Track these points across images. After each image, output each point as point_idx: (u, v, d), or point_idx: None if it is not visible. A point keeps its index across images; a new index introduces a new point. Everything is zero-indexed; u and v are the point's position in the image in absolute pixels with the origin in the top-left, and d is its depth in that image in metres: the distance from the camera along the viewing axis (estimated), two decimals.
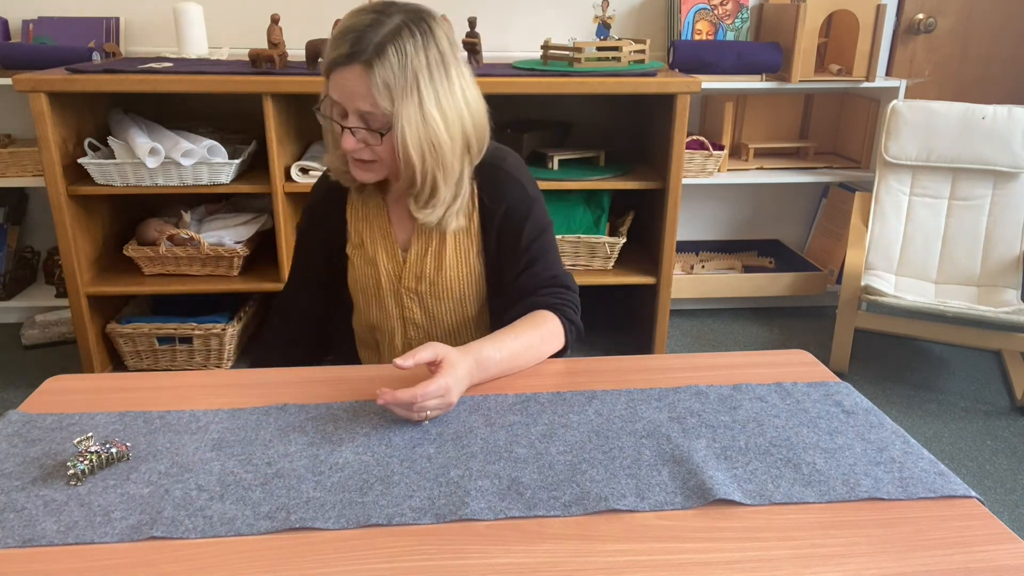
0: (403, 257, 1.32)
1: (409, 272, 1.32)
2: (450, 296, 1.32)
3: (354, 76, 1.10)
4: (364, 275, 1.34)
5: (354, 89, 1.11)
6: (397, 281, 1.32)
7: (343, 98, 1.13)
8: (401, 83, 1.10)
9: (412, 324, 1.36)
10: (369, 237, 1.33)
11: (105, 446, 0.92)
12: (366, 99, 1.11)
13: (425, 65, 1.12)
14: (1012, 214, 2.61)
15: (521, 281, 1.28)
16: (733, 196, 3.17)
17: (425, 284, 1.31)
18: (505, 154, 1.31)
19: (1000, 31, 3.05)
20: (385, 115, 1.12)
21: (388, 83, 1.10)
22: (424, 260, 1.31)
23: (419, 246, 1.31)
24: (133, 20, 2.70)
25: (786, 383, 1.14)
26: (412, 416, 1.02)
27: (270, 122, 2.21)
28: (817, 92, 3.05)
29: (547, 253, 1.30)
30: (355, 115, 1.14)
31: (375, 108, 1.12)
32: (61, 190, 2.20)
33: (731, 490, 0.88)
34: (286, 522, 0.83)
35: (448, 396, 1.02)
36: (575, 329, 1.27)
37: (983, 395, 2.55)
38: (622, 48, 2.42)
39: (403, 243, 1.32)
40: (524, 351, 1.17)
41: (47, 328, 2.73)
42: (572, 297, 1.30)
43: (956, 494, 0.89)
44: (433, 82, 1.13)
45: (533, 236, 1.29)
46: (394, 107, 1.11)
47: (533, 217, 1.29)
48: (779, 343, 2.90)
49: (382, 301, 1.34)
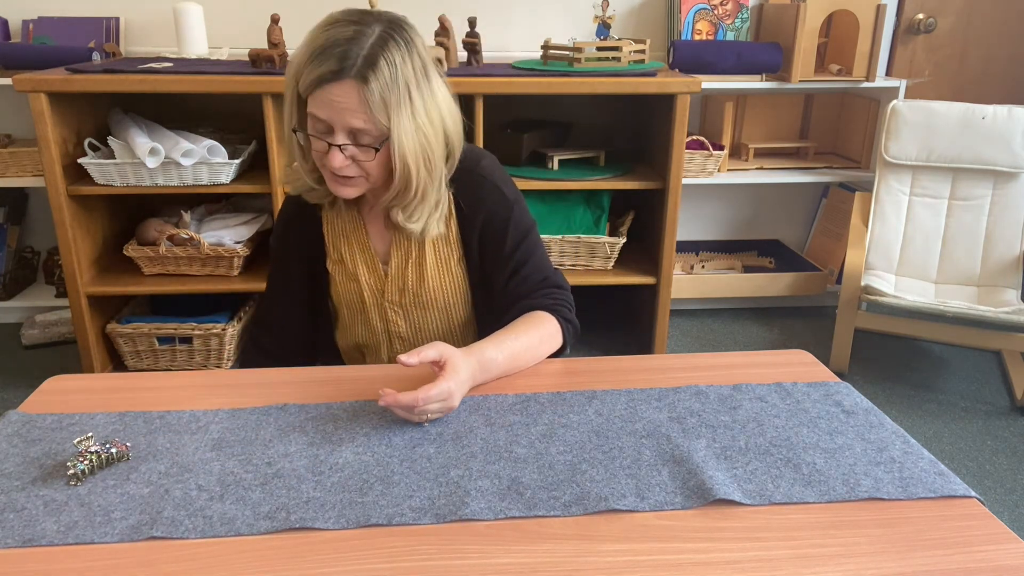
0: (384, 271, 1.30)
1: (391, 285, 1.30)
2: (435, 306, 1.31)
3: (345, 92, 1.07)
4: (347, 291, 1.32)
5: (346, 105, 1.07)
6: (380, 295, 1.31)
7: (331, 115, 1.08)
8: (395, 96, 1.08)
9: (398, 337, 1.35)
10: (348, 252, 1.30)
11: (105, 446, 0.92)
12: (359, 115, 1.08)
13: (412, 74, 1.10)
14: (1012, 214, 2.61)
15: (512, 286, 1.27)
16: (733, 196, 3.17)
17: (408, 296, 1.30)
18: (479, 156, 1.28)
19: (1000, 31, 3.05)
20: (379, 130, 1.09)
21: (384, 97, 1.07)
22: (405, 272, 1.29)
23: (399, 257, 1.29)
24: (133, 20, 2.70)
25: (786, 383, 1.14)
26: (413, 418, 1.02)
27: (270, 122, 2.21)
28: (817, 92, 3.05)
29: (534, 254, 1.29)
30: (344, 132, 1.10)
31: (368, 124, 1.09)
32: (61, 190, 2.20)
33: (731, 490, 0.88)
34: (286, 522, 0.83)
35: (450, 400, 1.02)
36: (572, 328, 1.26)
37: (983, 395, 2.55)
38: (622, 48, 2.42)
39: (383, 255, 1.30)
40: (524, 351, 1.17)
41: (47, 328, 2.73)
42: (565, 296, 1.29)
43: (956, 494, 0.89)
44: (420, 90, 1.11)
45: (517, 240, 1.27)
46: (390, 121, 1.09)
47: (514, 220, 1.27)
48: (779, 343, 2.90)
49: (367, 315, 1.33)
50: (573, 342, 1.27)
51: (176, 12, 2.49)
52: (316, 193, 1.24)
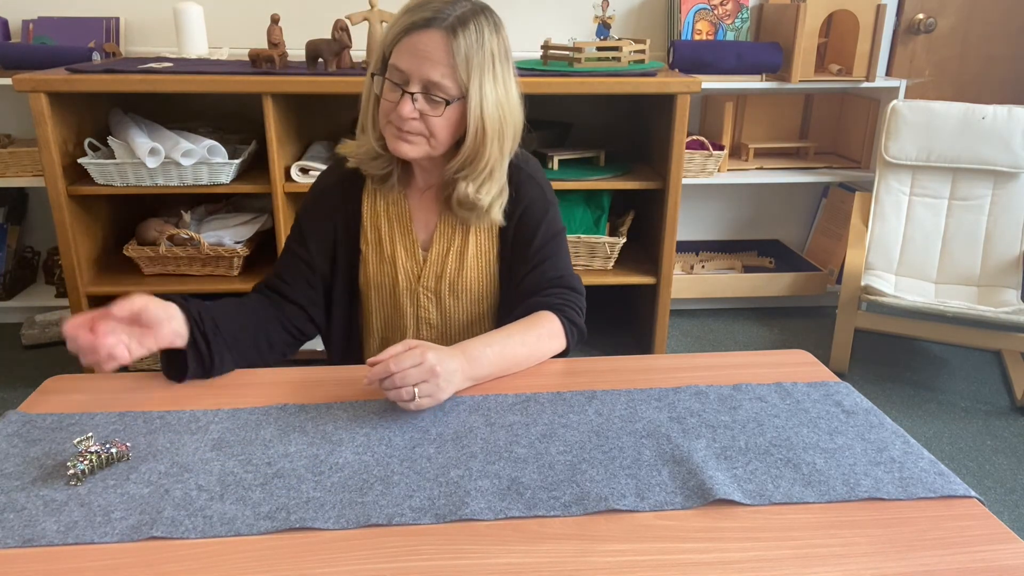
0: (423, 256, 1.30)
1: (429, 271, 1.30)
2: (468, 296, 1.32)
3: (433, 41, 1.10)
4: (379, 272, 1.32)
5: (430, 54, 1.10)
6: (416, 280, 1.31)
7: (413, 64, 1.11)
8: (479, 58, 1.12)
9: (427, 324, 1.35)
10: (388, 234, 1.30)
11: (105, 446, 0.92)
12: (440, 66, 1.11)
13: (498, 50, 1.15)
14: (1012, 214, 2.61)
15: (527, 281, 1.28)
16: (733, 196, 3.17)
17: (445, 283, 1.30)
18: (527, 156, 1.32)
19: (1000, 31, 3.05)
20: (457, 87, 1.12)
21: (468, 54, 1.11)
22: (446, 259, 1.30)
23: (441, 245, 1.30)
24: (133, 20, 2.70)
25: (786, 383, 1.14)
26: (403, 396, 1.00)
27: (270, 122, 2.21)
28: (817, 92, 3.05)
29: (557, 255, 1.30)
30: (419, 83, 1.12)
31: (446, 78, 1.11)
32: (61, 190, 2.20)
33: (731, 490, 0.88)
34: (286, 522, 0.83)
35: (426, 363, 0.99)
36: (577, 331, 1.26)
37: (983, 395, 2.55)
38: (622, 48, 2.41)
39: (423, 242, 1.31)
40: (518, 347, 1.16)
41: (47, 328, 2.73)
42: (575, 298, 1.29)
43: (956, 494, 0.89)
44: (503, 67, 1.17)
45: (546, 238, 1.29)
46: (469, 80, 1.12)
47: (548, 219, 1.30)
48: (779, 343, 2.90)
49: (397, 300, 1.32)
50: (577, 345, 1.27)
51: (176, 12, 2.49)
52: (377, 162, 1.24)
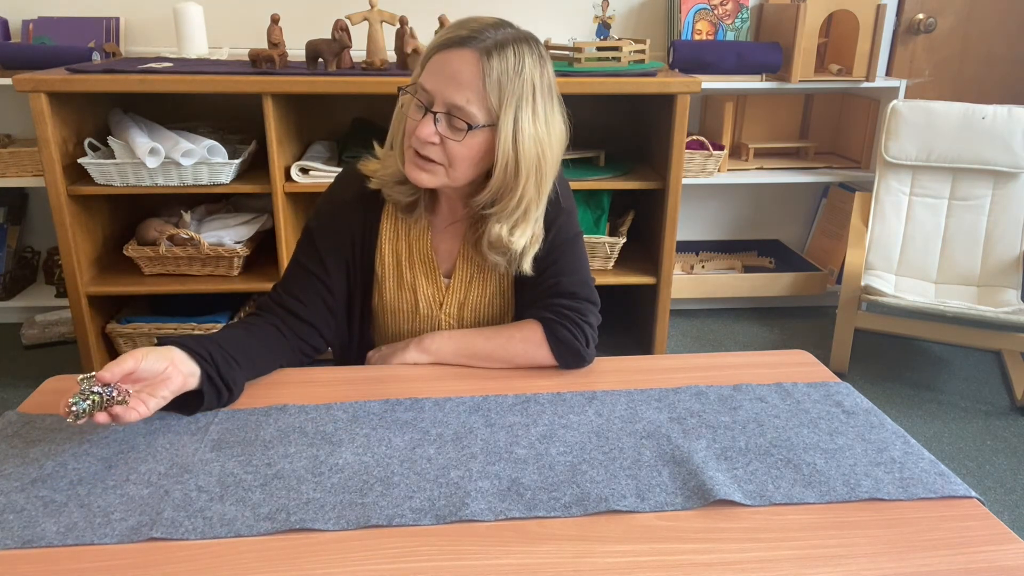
0: (445, 284, 1.25)
1: (452, 299, 1.26)
2: (488, 320, 1.29)
3: (464, 60, 1.02)
4: (398, 299, 1.26)
5: (458, 73, 1.02)
6: (438, 308, 1.26)
7: (439, 84, 1.03)
8: (515, 86, 1.03)
9: None
10: (408, 261, 1.24)
11: (107, 388, 0.92)
12: (466, 90, 1.03)
13: (540, 82, 1.07)
14: (1012, 214, 2.61)
15: (526, 293, 1.24)
16: (733, 196, 3.17)
17: (468, 309, 1.27)
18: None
19: (1000, 31, 3.05)
20: (486, 113, 1.04)
21: (501, 80, 1.03)
22: (469, 287, 1.25)
23: (464, 271, 1.25)
24: (133, 20, 2.70)
25: (786, 383, 1.14)
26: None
27: (270, 122, 2.21)
28: (817, 92, 3.05)
29: (559, 263, 1.22)
30: (443, 104, 1.04)
31: (472, 104, 1.03)
32: (61, 190, 2.20)
33: (731, 491, 0.88)
34: (286, 523, 0.82)
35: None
36: (564, 347, 1.16)
37: (983, 395, 2.55)
38: (622, 48, 2.41)
39: (446, 270, 1.25)
40: (478, 338, 1.19)
41: (47, 328, 2.73)
42: (570, 309, 1.19)
43: (956, 494, 0.89)
44: (546, 101, 1.08)
45: (554, 245, 1.21)
46: (501, 108, 1.04)
47: (558, 225, 1.22)
48: (779, 343, 2.90)
49: (415, 324, 1.28)
50: (568, 360, 1.17)
51: (176, 12, 2.49)
52: (403, 188, 1.17)
